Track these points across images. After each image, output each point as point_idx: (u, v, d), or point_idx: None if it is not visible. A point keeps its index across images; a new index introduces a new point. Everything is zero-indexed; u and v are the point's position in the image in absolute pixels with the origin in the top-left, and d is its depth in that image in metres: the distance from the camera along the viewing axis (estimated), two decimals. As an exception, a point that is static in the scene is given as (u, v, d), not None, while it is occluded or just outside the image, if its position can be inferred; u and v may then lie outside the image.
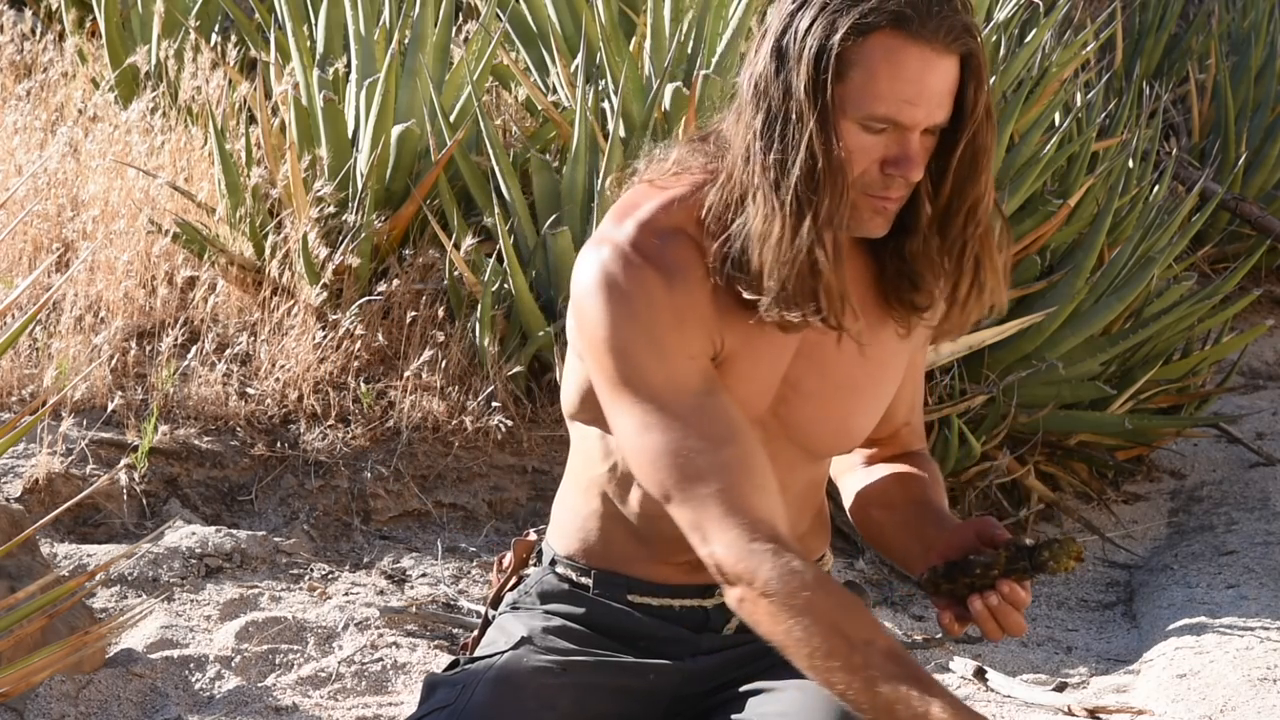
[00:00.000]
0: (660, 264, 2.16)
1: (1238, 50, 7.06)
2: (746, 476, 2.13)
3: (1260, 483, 5.36)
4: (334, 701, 3.62)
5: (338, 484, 4.44)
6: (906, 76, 2.09)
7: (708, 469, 2.12)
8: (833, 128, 2.10)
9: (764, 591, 2.08)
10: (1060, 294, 4.80)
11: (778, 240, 2.12)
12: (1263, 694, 3.78)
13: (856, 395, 2.30)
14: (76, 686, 3.49)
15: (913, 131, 2.11)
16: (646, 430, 2.15)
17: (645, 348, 2.15)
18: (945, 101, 2.13)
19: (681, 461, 2.13)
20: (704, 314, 2.17)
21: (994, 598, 2.19)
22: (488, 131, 4.59)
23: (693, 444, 2.13)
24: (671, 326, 2.15)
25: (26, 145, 5.10)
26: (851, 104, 2.10)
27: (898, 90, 2.09)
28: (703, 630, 2.34)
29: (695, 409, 2.14)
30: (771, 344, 2.22)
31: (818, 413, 2.27)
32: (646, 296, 2.15)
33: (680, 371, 2.16)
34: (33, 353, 4.46)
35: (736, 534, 2.10)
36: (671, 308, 2.15)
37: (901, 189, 2.14)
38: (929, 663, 4.12)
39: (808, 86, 2.09)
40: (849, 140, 2.11)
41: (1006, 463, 4.85)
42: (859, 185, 2.13)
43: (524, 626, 2.35)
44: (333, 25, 5.08)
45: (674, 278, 2.16)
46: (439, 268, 4.76)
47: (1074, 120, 5.02)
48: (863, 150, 2.12)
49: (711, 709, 2.32)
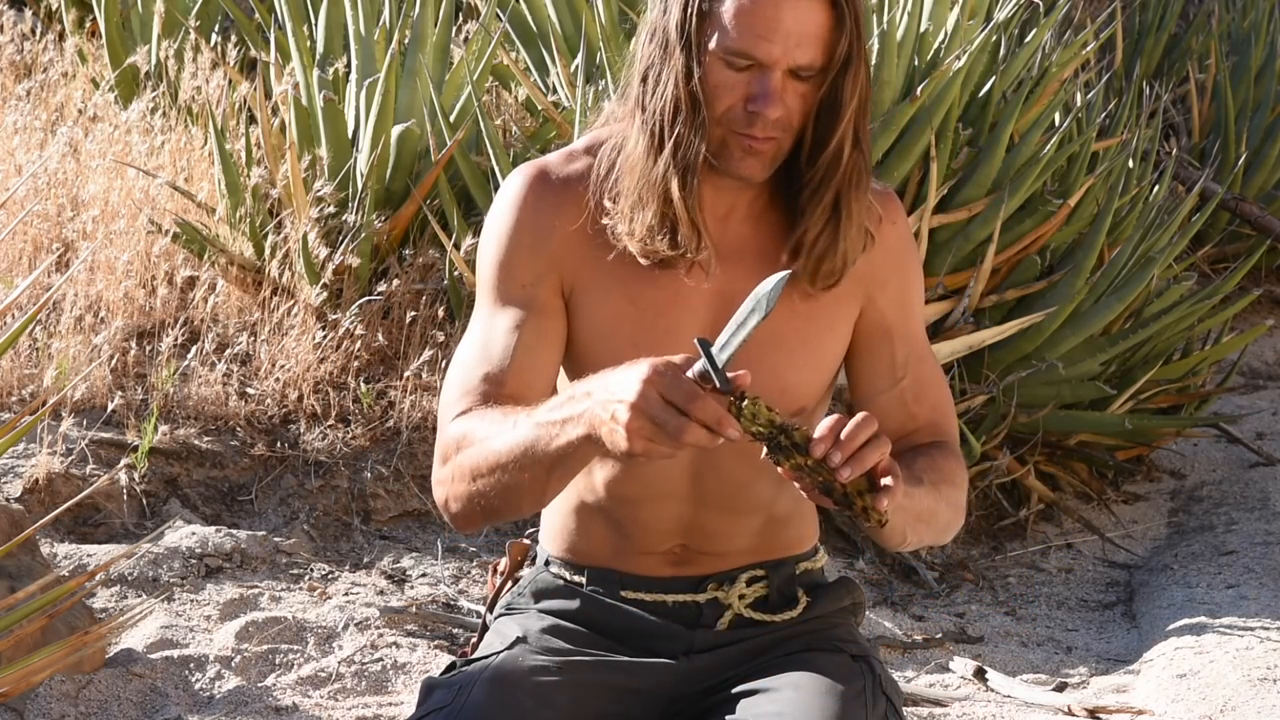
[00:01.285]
0: (539, 195, 2.28)
1: (1238, 50, 7.06)
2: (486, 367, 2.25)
3: (1260, 483, 5.36)
4: (334, 701, 3.62)
5: (338, 484, 4.44)
6: (762, 13, 2.17)
7: (471, 390, 2.25)
8: (695, 62, 2.19)
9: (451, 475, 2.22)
10: (1060, 294, 4.80)
11: (639, 170, 2.22)
12: (1263, 694, 3.78)
13: (786, 350, 2.31)
14: (76, 686, 3.49)
15: (773, 70, 2.18)
16: (464, 340, 2.31)
17: (494, 265, 2.29)
18: (807, 43, 2.18)
19: (464, 373, 2.28)
20: (556, 251, 2.27)
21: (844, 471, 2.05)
22: (488, 131, 4.59)
23: (476, 356, 2.27)
24: (524, 250, 2.27)
25: (26, 145, 5.10)
26: (715, 40, 2.19)
27: (753, 25, 2.17)
28: (695, 626, 2.35)
29: (505, 330, 2.26)
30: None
31: (745, 366, 2.27)
32: (514, 220, 2.29)
33: (512, 296, 2.27)
34: (33, 353, 4.46)
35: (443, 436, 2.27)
36: (531, 235, 2.27)
37: (767, 128, 2.20)
38: (929, 662, 4.12)
39: (678, 23, 2.20)
40: (714, 76, 2.20)
41: (1006, 463, 4.85)
42: (725, 122, 2.21)
43: (520, 627, 2.37)
44: (333, 25, 5.08)
45: (548, 209, 2.27)
46: (439, 268, 4.76)
47: (1074, 120, 5.02)
48: (726, 86, 2.19)
49: (708, 709, 2.32)
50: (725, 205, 2.30)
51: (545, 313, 2.28)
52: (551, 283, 2.28)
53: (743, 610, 2.36)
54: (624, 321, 2.28)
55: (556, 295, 2.29)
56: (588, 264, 2.28)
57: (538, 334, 2.27)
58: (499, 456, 2.15)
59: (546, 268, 2.28)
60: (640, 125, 2.23)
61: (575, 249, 2.28)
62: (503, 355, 2.25)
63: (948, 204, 4.74)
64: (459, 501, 2.22)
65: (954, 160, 4.74)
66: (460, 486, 2.20)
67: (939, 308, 4.71)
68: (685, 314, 2.28)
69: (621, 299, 2.28)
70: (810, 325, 2.32)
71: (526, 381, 2.25)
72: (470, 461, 2.19)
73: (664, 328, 2.28)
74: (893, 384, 2.39)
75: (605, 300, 2.28)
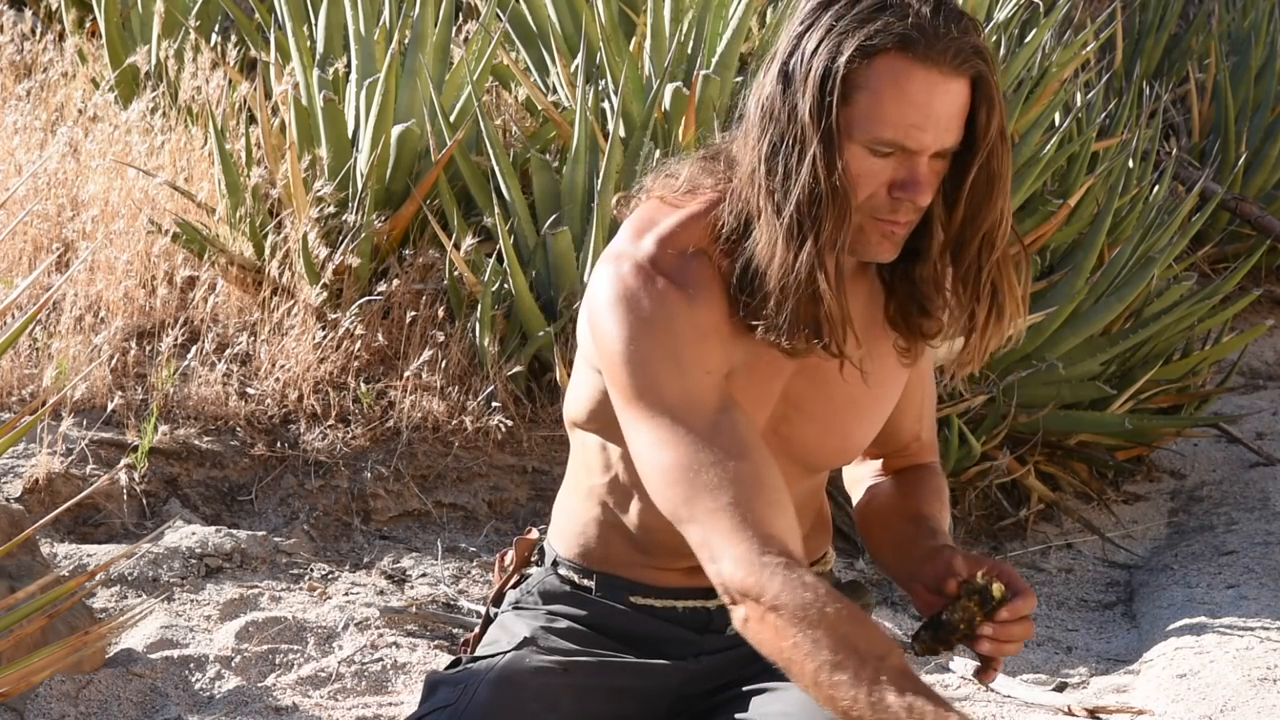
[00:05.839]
0: (680, 280, 2.15)
1: (1238, 50, 7.06)
2: (759, 492, 2.09)
3: (1260, 483, 5.36)
4: (334, 701, 3.62)
5: (338, 484, 4.44)
6: (912, 100, 2.07)
7: (719, 484, 2.08)
8: (837, 151, 2.08)
9: (773, 605, 2.03)
10: (1060, 294, 4.80)
11: (780, 264, 2.11)
12: (1263, 694, 3.78)
13: (857, 414, 2.29)
14: (76, 686, 3.49)
15: (920, 156, 2.10)
16: (661, 446, 2.12)
17: (663, 363, 2.14)
18: (954, 125, 2.10)
19: (693, 477, 2.10)
20: (721, 331, 2.16)
21: (986, 644, 2.19)
22: (488, 131, 4.59)
23: (705, 458, 2.10)
24: (690, 342, 2.14)
25: (26, 145, 5.10)
26: (858, 127, 2.08)
27: (904, 114, 2.07)
28: (705, 631, 2.34)
29: (711, 425, 2.12)
30: (771, 362, 2.21)
31: (819, 432, 2.28)
32: (665, 312, 2.14)
33: (697, 387, 2.14)
34: (33, 353, 4.46)
35: (746, 548, 2.05)
36: (691, 324, 2.15)
37: (910, 213, 2.13)
38: (929, 663, 4.13)
39: (813, 109, 2.08)
40: (855, 164, 2.09)
41: (1006, 463, 4.85)
42: (866, 209, 2.12)
43: (526, 627, 2.36)
44: (333, 25, 5.08)
45: (693, 294, 2.15)
46: (439, 268, 4.76)
47: (1074, 120, 5.02)
48: (870, 174, 2.10)
49: (714, 708, 2.32)
50: None
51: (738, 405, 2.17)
52: (723, 365, 2.18)
53: None
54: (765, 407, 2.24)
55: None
56: (739, 345, 2.19)
57: (754, 429, 2.17)
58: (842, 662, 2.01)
59: (716, 350, 2.17)
60: (770, 216, 2.11)
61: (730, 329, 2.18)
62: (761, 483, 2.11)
63: (948, 204, 4.74)
64: (760, 631, 2.07)
65: (954, 160, 4.74)
66: (772, 642, 2.05)
67: (939, 308, 4.71)
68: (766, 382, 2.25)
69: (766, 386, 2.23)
70: (883, 390, 2.32)
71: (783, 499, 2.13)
72: (816, 636, 2.02)
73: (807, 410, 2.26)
74: (917, 420, 2.44)
75: (752, 387, 2.21)
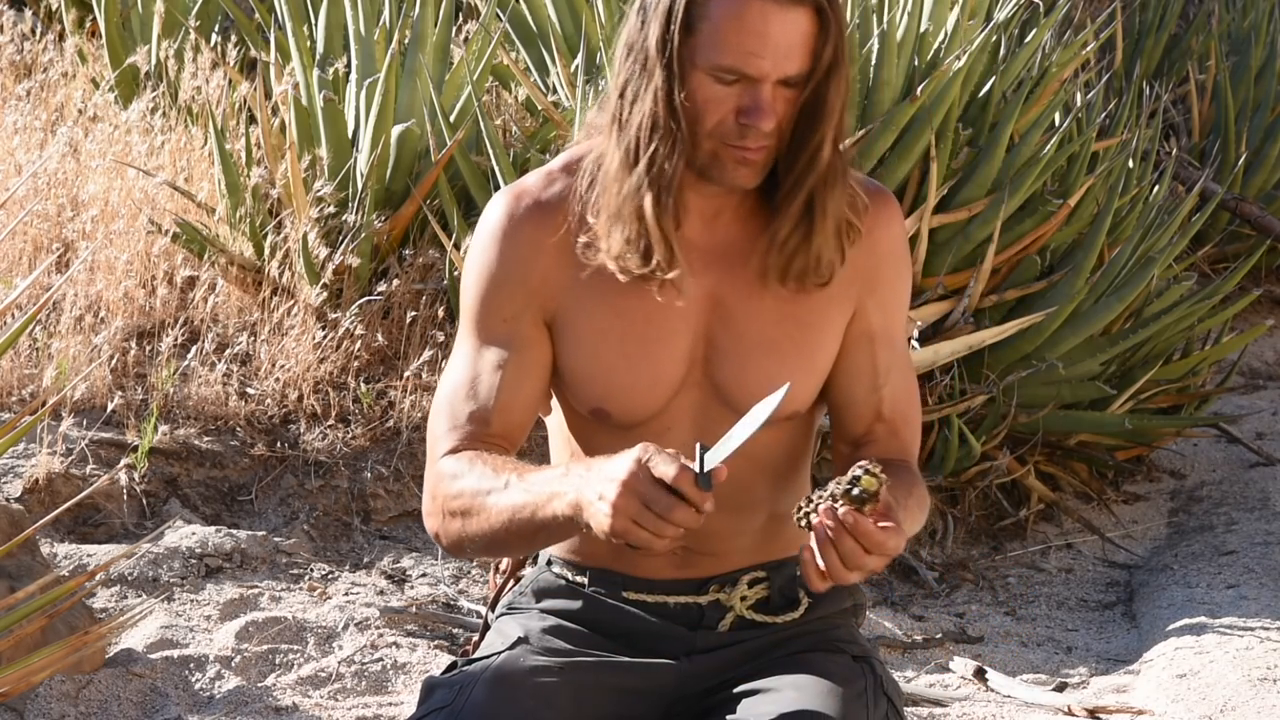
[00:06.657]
0: (510, 228, 2.28)
1: (1238, 50, 7.06)
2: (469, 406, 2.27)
3: (1260, 483, 5.36)
4: (334, 701, 3.62)
5: (338, 484, 4.44)
6: (750, 29, 2.16)
7: (459, 427, 2.26)
8: (678, 79, 2.18)
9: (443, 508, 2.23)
10: (1060, 294, 4.80)
11: (615, 184, 2.22)
12: (1263, 694, 3.78)
13: (778, 356, 2.31)
14: (76, 686, 3.49)
15: (763, 83, 2.18)
16: (447, 370, 2.32)
17: (477, 297, 2.30)
18: (795, 54, 2.18)
19: (447, 406, 2.29)
20: (536, 283, 2.27)
21: (821, 533, 2.06)
22: (488, 131, 4.59)
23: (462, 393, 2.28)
24: (499, 284, 2.28)
25: (26, 145, 5.10)
26: (701, 55, 2.18)
27: (742, 42, 2.17)
28: (697, 627, 2.35)
29: (489, 367, 2.28)
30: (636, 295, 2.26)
31: (739, 371, 2.30)
32: (493, 253, 2.29)
33: (491, 334, 2.28)
34: (33, 353, 4.46)
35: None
36: (518, 273, 2.28)
37: (758, 139, 2.20)
38: (929, 663, 4.12)
39: (658, 40, 2.19)
40: (702, 91, 2.19)
41: (1006, 463, 4.85)
42: (717, 135, 2.20)
43: (520, 627, 2.37)
44: (333, 25, 5.08)
45: (518, 242, 2.28)
46: (439, 268, 4.76)
47: (1074, 120, 5.01)
48: (716, 100, 2.19)
49: (709, 710, 2.32)
50: (713, 208, 2.30)
51: (528, 346, 2.29)
52: (533, 314, 2.30)
53: (744, 612, 2.36)
54: (611, 335, 2.29)
55: (538, 326, 2.30)
56: (570, 284, 2.29)
57: (521, 369, 2.29)
58: (487, 514, 2.19)
59: (527, 300, 2.29)
60: (617, 141, 2.23)
61: (556, 273, 2.29)
62: (488, 394, 2.28)
63: (948, 204, 4.74)
64: (449, 539, 2.26)
65: (954, 160, 4.74)
66: (451, 525, 2.24)
67: (939, 308, 4.71)
68: (674, 319, 2.29)
69: (607, 313, 2.29)
70: (803, 329, 2.32)
71: (513, 420, 2.29)
72: (458, 506, 2.22)
73: (653, 336, 2.29)
74: (872, 390, 2.37)
75: (590, 317, 2.29)
